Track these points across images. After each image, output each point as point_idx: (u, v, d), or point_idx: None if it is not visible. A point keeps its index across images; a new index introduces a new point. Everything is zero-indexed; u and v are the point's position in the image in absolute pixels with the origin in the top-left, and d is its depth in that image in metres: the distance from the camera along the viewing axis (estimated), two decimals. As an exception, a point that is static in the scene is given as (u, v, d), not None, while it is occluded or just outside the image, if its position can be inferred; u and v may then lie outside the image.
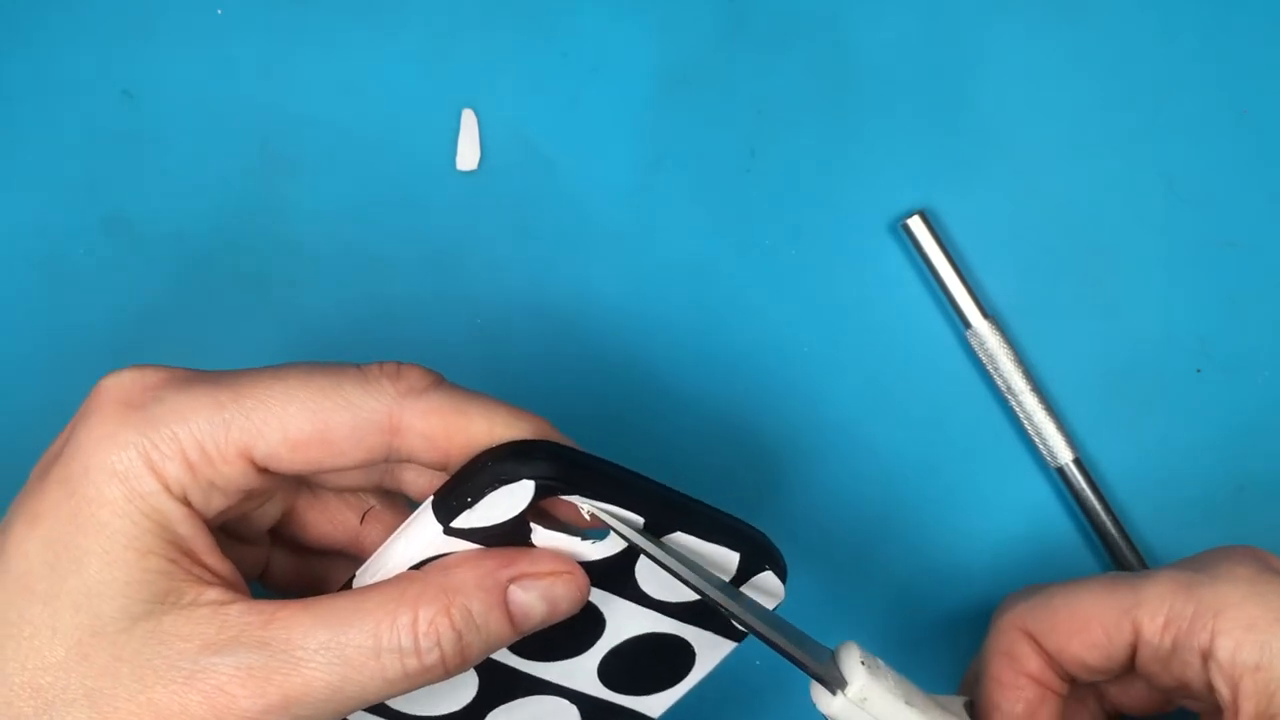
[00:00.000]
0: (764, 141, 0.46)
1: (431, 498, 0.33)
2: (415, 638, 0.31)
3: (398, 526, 0.34)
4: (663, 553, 0.33)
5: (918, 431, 0.46)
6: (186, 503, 0.31)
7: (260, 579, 0.38)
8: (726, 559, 0.34)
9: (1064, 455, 0.45)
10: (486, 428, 0.32)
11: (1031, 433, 0.45)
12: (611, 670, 0.36)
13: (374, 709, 0.36)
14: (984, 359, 0.45)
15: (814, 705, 0.35)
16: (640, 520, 0.33)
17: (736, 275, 0.46)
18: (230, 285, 0.45)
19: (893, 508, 0.46)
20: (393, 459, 0.33)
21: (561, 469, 0.32)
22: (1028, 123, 0.46)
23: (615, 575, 0.34)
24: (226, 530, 0.35)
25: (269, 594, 0.36)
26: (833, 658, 0.35)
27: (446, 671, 0.31)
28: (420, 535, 0.33)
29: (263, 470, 0.32)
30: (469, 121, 0.46)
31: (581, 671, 0.36)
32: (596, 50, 0.46)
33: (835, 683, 0.34)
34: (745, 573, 0.35)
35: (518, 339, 0.46)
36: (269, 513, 0.36)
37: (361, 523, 0.37)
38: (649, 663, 0.36)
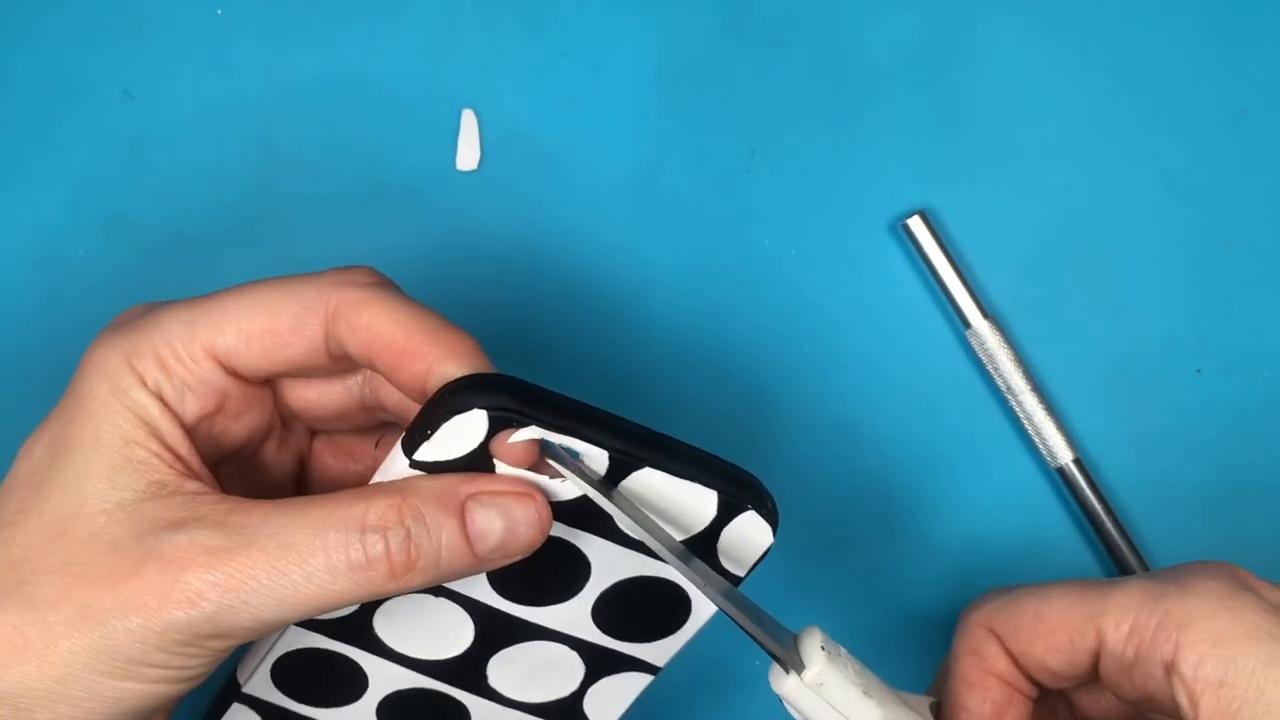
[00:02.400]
0: (764, 141, 0.46)
1: (403, 434, 0.33)
2: (363, 527, 0.31)
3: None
4: (618, 509, 0.32)
5: (917, 431, 0.46)
6: (162, 400, 0.33)
7: None
8: (703, 499, 0.33)
9: (1064, 455, 0.45)
10: (406, 325, 0.33)
11: (1031, 433, 0.45)
12: (607, 615, 0.36)
13: (372, 646, 0.36)
14: (984, 359, 0.45)
15: (770, 686, 0.34)
16: (605, 455, 0.32)
17: (736, 275, 0.46)
18: (230, 285, 0.45)
19: (892, 507, 0.46)
20: (335, 350, 0.34)
21: (516, 400, 0.32)
22: (1028, 122, 0.46)
23: (592, 515, 0.34)
24: (251, 486, 0.37)
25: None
26: (794, 641, 0.34)
27: (391, 570, 0.31)
28: (391, 469, 0.33)
29: (231, 372, 0.34)
30: (469, 121, 0.46)
31: (577, 617, 0.36)
32: (596, 50, 0.46)
33: (794, 665, 0.33)
34: (726, 513, 0.34)
35: (517, 338, 0.46)
36: (285, 461, 0.37)
37: (376, 447, 0.38)
38: (644, 608, 0.36)
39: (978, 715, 0.36)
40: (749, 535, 0.34)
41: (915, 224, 0.45)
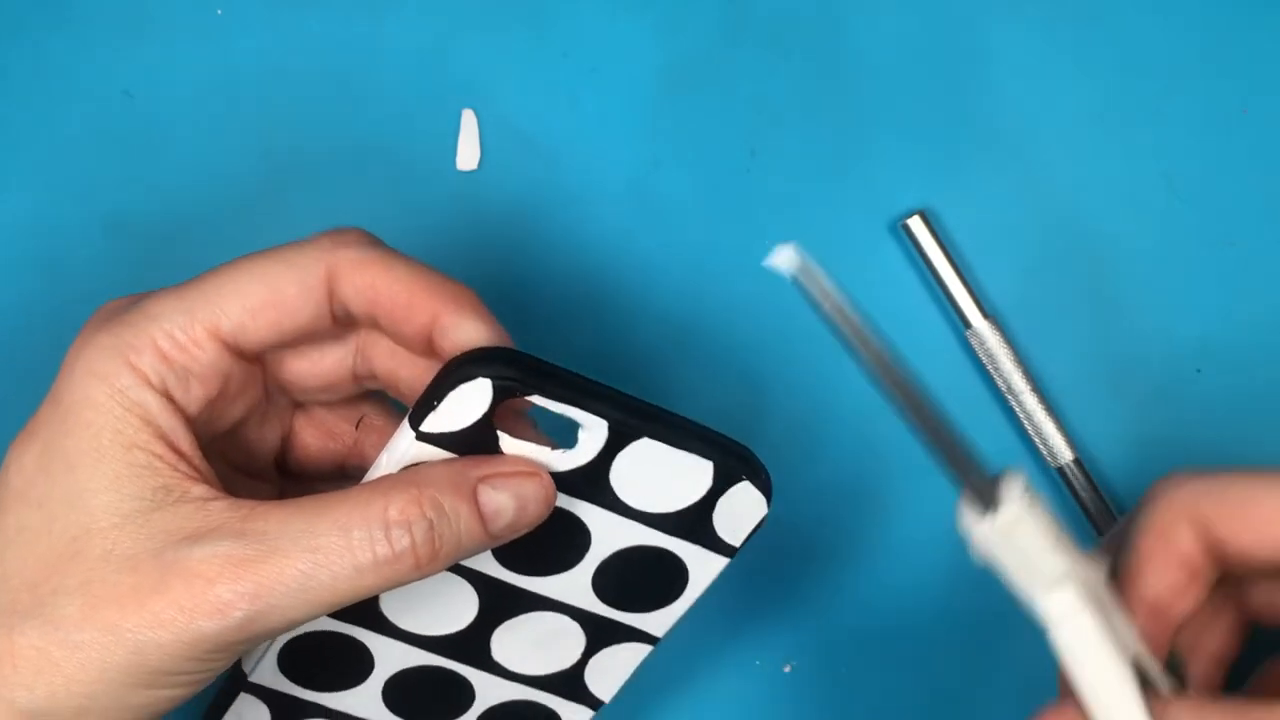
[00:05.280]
0: (764, 141, 0.46)
1: (410, 409, 0.34)
2: (386, 524, 0.31)
3: (392, 430, 0.35)
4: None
5: (918, 431, 0.46)
6: (167, 395, 0.33)
7: None
8: (699, 469, 0.34)
9: (1064, 455, 0.45)
10: (408, 280, 0.34)
11: (1031, 433, 0.45)
12: (605, 585, 0.36)
13: (378, 626, 0.37)
14: (984, 359, 0.45)
15: (959, 524, 0.33)
16: (605, 425, 0.33)
17: (736, 275, 0.46)
18: (230, 285, 0.45)
19: (892, 507, 0.46)
20: (339, 313, 0.34)
21: (519, 370, 0.33)
22: (1028, 122, 0.46)
23: (591, 484, 0.35)
24: (233, 464, 0.37)
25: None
26: (993, 482, 0.32)
27: (417, 562, 0.32)
28: (399, 444, 0.34)
29: (234, 351, 0.33)
30: (469, 121, 0.46)
31: (576, 587, 0.36)
32: (596, 50, 0.46)
33: (988, 508, 0.31)
34: (722, 484, 0.35)
35: (516, 338, 0.46)
36: (268, 438, 0.38)
37: (357, 428, 0.38)
38: (642, 578, 0.36)
39: (1154, 594, 0.35)
40: (744, 506, 0.35)
41: (915, 224, 0.45)
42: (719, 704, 0.45)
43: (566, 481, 0.34)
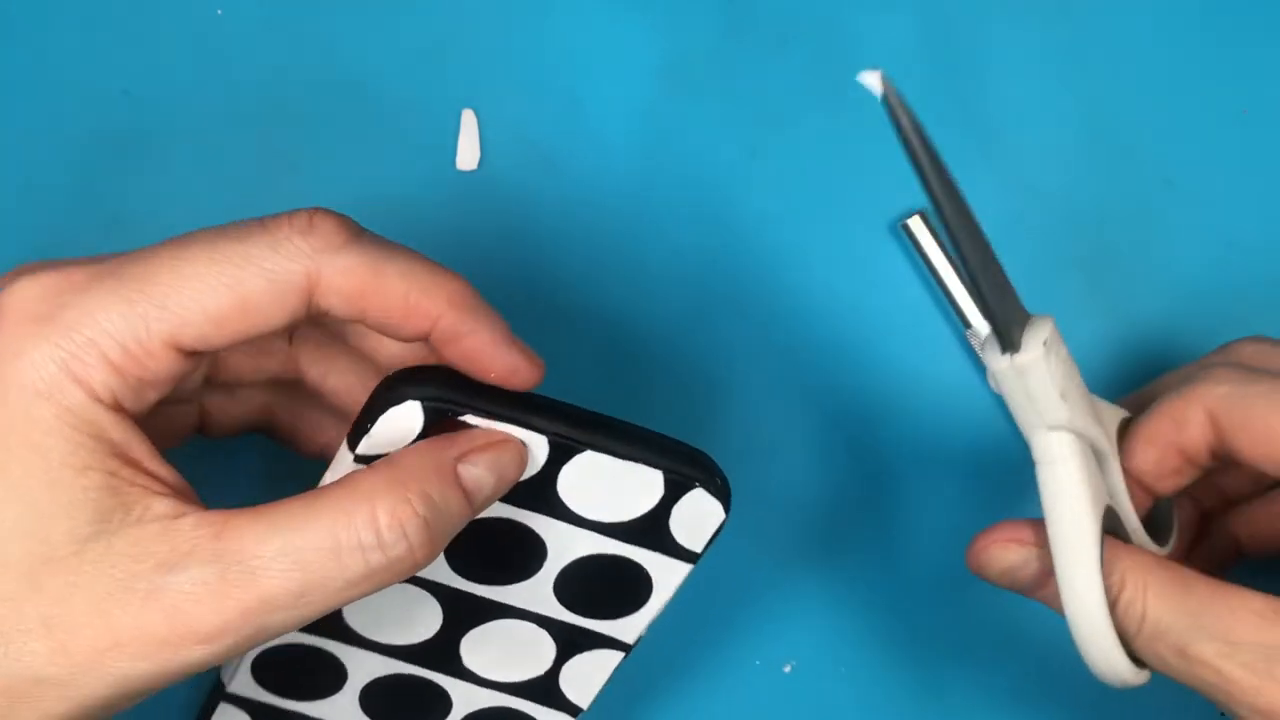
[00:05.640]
0: (764, 141, 0.46)
1: (349, 429, 0.33)
2: (377, 532, 0.30)
3: (327, 349, 0.34)
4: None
5: (917, 432, 0.46)
6: (118, 407, 0.30)
7: (201, 432, 0.37)
8: (648, 480, 0.33)
9: (1064, 455, 0.45)
10: (403, 286, 0.31)
11: (1031, 433, 0.45)
12: (568, 593, 0.36)
13: (345, 638, 0.36)
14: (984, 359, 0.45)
15: (979, 354, 0.34)
16: (545, 441, 0.33)
17: (736, 275, 0.46)
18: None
19: (891, 508, 0.46)
20: (315, 314, 0.32)
21: (451, 389, 0.32)
22: (1027, 122, 0.46)
23: (540, 496, 0.34)
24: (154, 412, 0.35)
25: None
26: (1024, 323, 0.34)
27: (415, 562, 0.31)
28: (340, 465, 0.33)
29: (191, 355, 0.31)
30: (469, 121, 0.46)
31: (539, 595, 0.36)
32: (596, 50, 0.46)
33: (1011, 346, 0.33)
34: (674, 491, 0.34)
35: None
36: (195, 378, 0.36)
37: (290, 344, 0.37)
38: (604, 585, 0.36)
39: (1140, 467, 0.37)
40: (700, 512, 0.34)
41: (915, 224, 0.45)
42: (719, 704, 0.45)
43: (515, 493, 0.33)
